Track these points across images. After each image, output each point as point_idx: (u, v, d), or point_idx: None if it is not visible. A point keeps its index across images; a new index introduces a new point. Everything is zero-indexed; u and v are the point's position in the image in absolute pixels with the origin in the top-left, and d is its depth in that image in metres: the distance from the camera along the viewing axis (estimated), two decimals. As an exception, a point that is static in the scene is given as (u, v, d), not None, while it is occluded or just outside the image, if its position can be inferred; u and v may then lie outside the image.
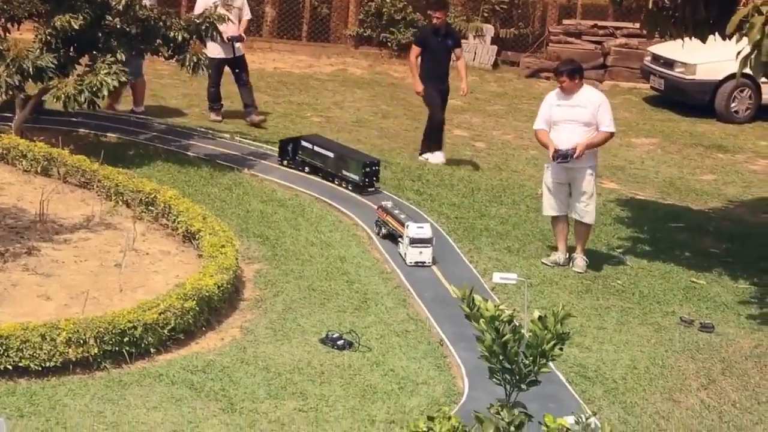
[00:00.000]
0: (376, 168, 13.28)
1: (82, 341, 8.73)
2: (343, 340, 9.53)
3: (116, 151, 13.76)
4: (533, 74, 21.48)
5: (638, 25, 14.89)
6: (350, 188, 13.13)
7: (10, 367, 8.54)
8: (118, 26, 13.48)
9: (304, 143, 13.79)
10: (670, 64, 19.57)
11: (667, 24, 11.90)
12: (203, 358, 9.14)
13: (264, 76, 19.21)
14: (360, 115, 17.77)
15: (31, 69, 12.89)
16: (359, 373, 9.09)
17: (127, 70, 13.26)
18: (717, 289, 11.52)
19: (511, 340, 6.35)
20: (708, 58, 18.13)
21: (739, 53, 10.34)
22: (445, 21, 15.46)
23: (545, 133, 11.67)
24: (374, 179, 13.22)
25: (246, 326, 9.80)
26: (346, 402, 8.64)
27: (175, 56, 13.77)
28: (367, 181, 13.13)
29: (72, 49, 13.49)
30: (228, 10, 14.23)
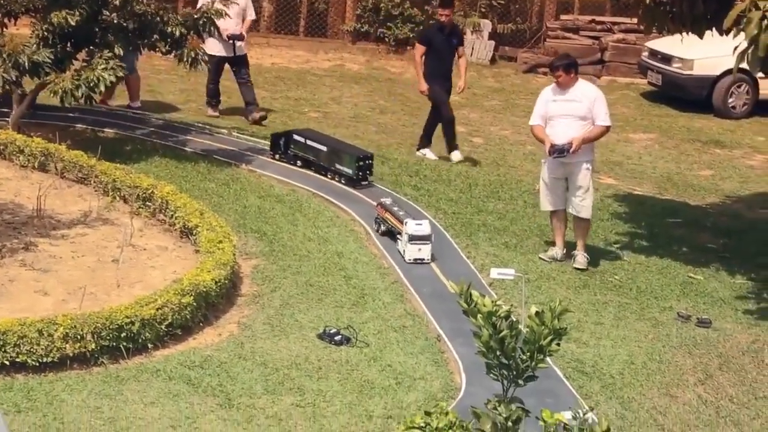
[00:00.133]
0: (370, 162, 13.28)
1: (79, 337, 8.73)
2: (340, 336, 9.53)
3: (113, 147, 13.74)
4: (531, 70, 21.44)
5: (636, 21, 14.87)
6: (343, 182, 13.14)
7: (7, 363, 8.54)
8: (115, 21, 13.45)
9: (296, 137, 13.78)
10: (667, 59, 19.55)
11: (665, 19, 11.92)
12: (200, 353, 9.14)
13: (261, 72, 19.17)
14: (357, 111, 17.76)
15: (27, 64, 12.86)
16: (356, 369, 9.09)
17: (124, 66, 13.24)
18: (714, 285, 11.52)
19: (508, 336, 6.36)
20: (705, 53, 18.12)
21: (736, 48, 10.35)
22: (452, 19, 15.44)
23: (541, 128, 11.67)
24: (368, 173, 13.22)
25: (243, 322, 9.80)
26: (344, 397, 8.64)
27: (173, 51, 13.76)
28: (361, 175, 13.12)
29: (69, 45, 13.46)
30: (225, 5, 14.17)
